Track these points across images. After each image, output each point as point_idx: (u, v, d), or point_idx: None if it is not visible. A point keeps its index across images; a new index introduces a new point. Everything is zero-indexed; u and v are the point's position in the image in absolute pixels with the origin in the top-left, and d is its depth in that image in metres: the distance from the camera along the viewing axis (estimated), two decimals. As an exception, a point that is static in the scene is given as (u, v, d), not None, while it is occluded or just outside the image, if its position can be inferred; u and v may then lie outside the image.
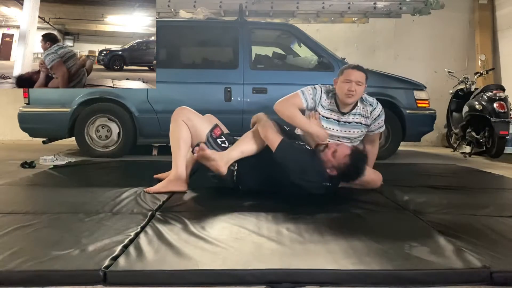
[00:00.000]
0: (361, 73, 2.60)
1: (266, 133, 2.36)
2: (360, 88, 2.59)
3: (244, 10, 4.92)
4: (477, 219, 2.01)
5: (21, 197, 2.44)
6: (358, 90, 2.58)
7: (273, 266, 1.41)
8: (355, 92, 2.56)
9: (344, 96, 2.59)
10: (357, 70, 2.61)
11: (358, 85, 2.57)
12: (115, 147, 4.35)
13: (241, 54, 4.36)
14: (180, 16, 5.04)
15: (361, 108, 2.69)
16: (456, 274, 1.40)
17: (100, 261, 1.40)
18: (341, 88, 2.60)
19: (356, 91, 2.57)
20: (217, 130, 2.50)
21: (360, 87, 2.59)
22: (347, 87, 2.57)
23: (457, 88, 5.43)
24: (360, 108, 2.69)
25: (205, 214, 2.04)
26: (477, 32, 6.64)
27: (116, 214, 2.01)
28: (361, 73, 2.60)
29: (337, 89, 2.64)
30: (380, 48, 6.73)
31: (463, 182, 3.10)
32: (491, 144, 4.60)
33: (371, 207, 2.25)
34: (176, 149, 2.48)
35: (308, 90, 2.70)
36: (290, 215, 2.01)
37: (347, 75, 2.59)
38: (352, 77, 2.57)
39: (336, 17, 5.46)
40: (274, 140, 2.32)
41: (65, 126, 4.25)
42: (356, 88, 2.56)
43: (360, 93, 2.62)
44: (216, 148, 2.45)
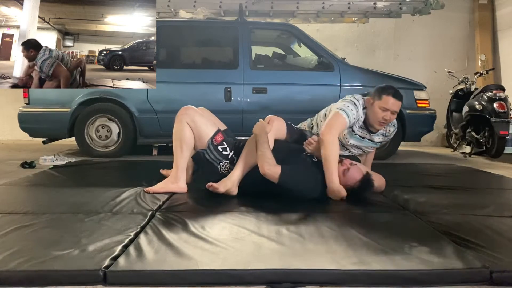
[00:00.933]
0: (399, 103, 2.51)
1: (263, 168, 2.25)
2: (394, 116, 2.52)
3: (244, 10, 4.92)
4: (477, 219, 2.01)
5: (21, 197, 2.44)
6: (392, 119, 2.52)
7: (273, 266, 1.41)
8: (388, 121, 2.51)
9: (377, 123, 2.52)
10: (396, 99, 2.49)
11: (392, 114, 2.50)
12: (115, 147, 4.35)
13: (241, 54, 4.36)
14: (180, 16, 5.04)
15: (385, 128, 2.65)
16: (456, 274, 1.40)
17: (100, 261, 1.40)
18: (375, 113, 2.50)
19: (390, 120, 2.51)
20: (218, 136, 2.47)
21: (394, 115, 2.52)
22: (382, 115, 2.48)
23: (457, 88, 5.43)
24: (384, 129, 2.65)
25: (205, 214, 2.04)
26: (477, 32, 6.64)
27: (116, 214, 2.01)
28: (399, 103, 2.51)
29: (371, 112, 2.52)
30: (380, 48, 6.73)
31: (463, 182, 3.10)
32: (491, 144, 4.60)
33: (371, 207, 2.25)
34: (178, 150, 2.48)
35: (351, 111, 2.49)
36: (290, 215, 2.01)
37: (386, 103, 2.47)
38: (390, 106, 2.47)
39: (336, 17, 5.46)
40: (273, 173, 2.24)
41: (65, 126, 4.25)
42: (390, 117, 2.50)
43: (392, 120, 2.55)
44: (216, 156, 2.45)
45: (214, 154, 2.45)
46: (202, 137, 2.47)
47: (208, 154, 2.44)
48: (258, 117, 2.67)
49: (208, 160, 2.45)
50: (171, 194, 2.42)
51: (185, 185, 2.51)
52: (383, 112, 2.48)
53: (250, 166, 2.40)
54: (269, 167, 2.24)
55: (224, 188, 2.36)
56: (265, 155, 2.28)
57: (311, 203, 2.25)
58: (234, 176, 2.39)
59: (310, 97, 4.34)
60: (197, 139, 2.48)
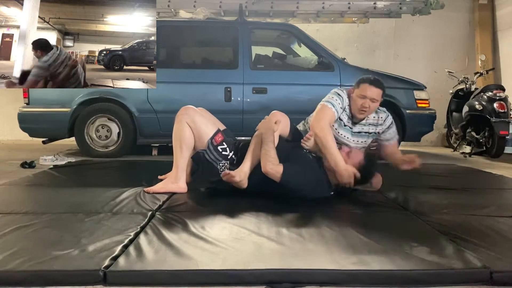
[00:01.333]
0: (378, 90, 2.52)
1: (266, 167, 2.25)
2: (374, 104, 2.52)
3: (244, 10, 4.92)
4: (477, 219, 2.01)
5: (21, 197, 2.44)
6: (372, 107, 2.53)
7: (273, 266, 1.40)
8: (368, 108, 2.52)
9: (356, 111, 2.54)
10: (374, 86, 2.51)
11: (372, 102, 2.51)
12: (115, 147, 4.35)
13: (241, 54, 4.36)
14: (180, 16, 5.04)
15: (371, 117, 2.64)
16: (456, 274, 1.40)
17: (100, 261, 1.40)
18: (355, 102, 2.54)
19: (370, 108, 2.52)
20: (217, 137, 2.47)
21: (374, 103, 2.52)
22: (361, 102, 2.51)
23: (457, 88, 5.43)
24: (371, 118, 2.64)
25: (205, 214, 2.04)
26: (477, 32, 6.64)
27: (116, 214, 2.01)
28: (378, 90, 2.52)
29: (352, 101, 2.56)
30: (380, 48, 6.73)
31: (463, 182, 3.10)
32: (491, 144, 4.60)
33: (371, 207, 2.25)
34: (178, 150, 2.48)
35: (336, 100, 2.55)
36: (290, 215, 2.01)
37: (363, 90, 2.51)
38: (368, 93, 2.49)
39: (336, 17, 5.46)
40: (275, 172, 2.24)
41: (65, 126, 4.25)
42: (370, 104, 2.51)
43: (373, 109, 2.56)
44: (216, 156, 2.45)
45: (214, 154, 2.44)
46: (202, 137, 2.47)
47: (208, 154, 2.44)
48: (258, 117, 2.67)
49: (208, 160, 2.45)
50: (171, 194, 2.42)
51: (185, 185, 2.51)
52: (362, 100, 2.51)
53: (258, 159, 2.38)
54: (272, 166, 2.24)
55: (240, 178, 2.32)
56: (268, 153, 2.28)
57: (311, 203, 2.25)
58: (246, 168, 2.36)
59: (310, 97, 4.32)
60: (197, 139, 2.48)
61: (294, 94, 4.39)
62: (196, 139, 2.48)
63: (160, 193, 2.42)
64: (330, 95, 2.59)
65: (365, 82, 2.54)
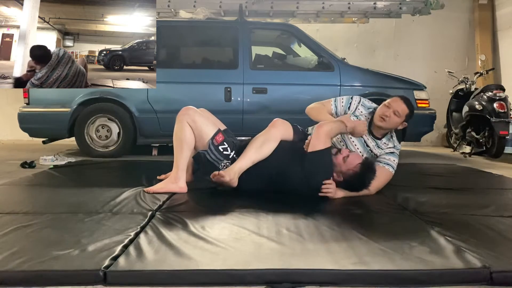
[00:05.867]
0: (404, 107, 2.54)
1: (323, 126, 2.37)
2: (395, 118, 2.53)
3: (244, 10, 4.92)
4: (477, 219, 2.01)
5: (21, 197, 2.44)
6: (392, 120, 2.52)
7: (273, 266, 1.40)
8: (388, 118, 2.52)
9: (377, 117, 2.56)
10: (402, 102, 2.56)
11: (394, 115, 2.52)
12: (115, 147, 4.35)
13: (241, 54, 4.36)
14: (180, 16, 5.04)
15: (383, 141, 2.64)
16: (456, 274, 1.40)
17: (100, 261, 1.39)
18: (379, 109, 2.59)
19: (390, 119, 2.52)
20: (218, 137, 2.47)
21: (396, 118, 2.53)
22: (383, 110, 2.54)
23: (457, 88, 5.43)
24: (382, 142, 2.64)
25: (205, 214, 2.04)
26: (477, 32, 6.65)
27: (116, 214, 2.01)
28: (404, 107, 2.54)
29: (377, 109, 2.62)
30: (380, 48, 6.73)
31: (463, 182, 3.10)
32: (491, 144, 4.60)
33: (371, 207, 2.25)
34: (179, 150, 2.48)
35: (341, 99, 2.73)
36: (290, 215, 2.00)
37: (391, 101, 2.57)
38: (393, 105, 2.53)
39: (336, 17, 5.46)
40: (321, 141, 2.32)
41: (65, 126, 4.25)
42: (391, 115, 2.52)
43: (393, 124, 2.55)
44: (217, 156, 2.45)
45: (215, 154, 2.45)
46: (203, 137, 2.47)
47: (209, 155, 2.44)
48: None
49: (209, 160, 2.45)
50: (171, 194, 2.42)
51: (185, 185, 2.50)
52: (385, 108, 2.55)
53: (253, 161, 2.40)
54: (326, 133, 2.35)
55: (229, 177, 2.33)
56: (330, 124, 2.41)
57: (311, 203, 2.25)
58: (236, 168, 2.38)
59: (310, 97, 4.31)
60: (198, 139, 2.48)
61: (294, 94, 4.39)
62: (197, 139, 2.48)
63: (160, 193, 2.41)
64: (342, 96, 2.77)
65: (397, 96, 2.63)
